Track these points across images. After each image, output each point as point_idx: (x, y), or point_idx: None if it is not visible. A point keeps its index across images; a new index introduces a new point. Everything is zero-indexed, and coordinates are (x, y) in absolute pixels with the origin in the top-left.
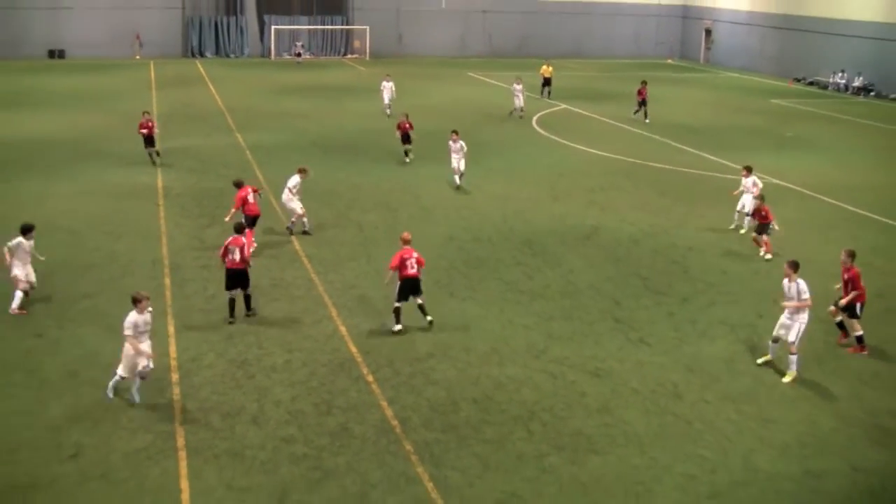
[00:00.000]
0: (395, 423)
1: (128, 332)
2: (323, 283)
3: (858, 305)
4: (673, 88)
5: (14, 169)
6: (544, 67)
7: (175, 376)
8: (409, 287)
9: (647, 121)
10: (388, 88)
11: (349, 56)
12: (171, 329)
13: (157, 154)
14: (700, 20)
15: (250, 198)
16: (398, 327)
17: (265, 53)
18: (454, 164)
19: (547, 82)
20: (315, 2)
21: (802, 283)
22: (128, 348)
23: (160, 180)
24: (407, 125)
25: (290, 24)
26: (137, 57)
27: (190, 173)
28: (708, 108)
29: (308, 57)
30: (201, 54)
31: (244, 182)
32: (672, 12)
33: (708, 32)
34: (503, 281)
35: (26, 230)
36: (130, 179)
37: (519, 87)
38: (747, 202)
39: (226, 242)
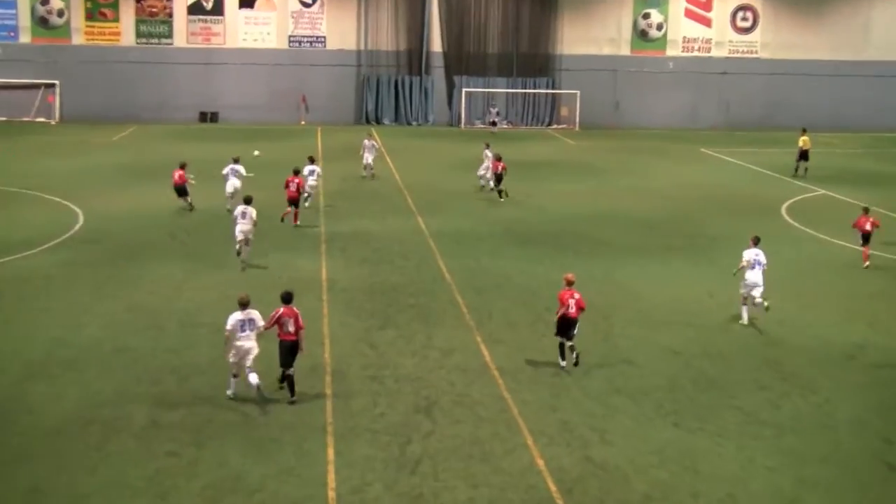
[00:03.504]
0: None
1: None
2: (517, 402)
3: None
4: None
5: (143, 252)
6: (803, 138)
7: None
8: (566, 326)
9: None
10: (369, 148)
11: (554, 126)
12: (330, 452)
13: (190, 206)
14: None
15: None
16: (563, 363)
17: (453, 121)
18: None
19: (804, 156)
20: (515, 62)
21: None
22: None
23: (324, 270)
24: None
25: (485, 87)
26: (303, 122)
27: (361, 264)
28: None
29: (505, 126)
30: (377, 121)
31: None
32: None
33: None
34: (741, 409)
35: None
36: (288, 267)
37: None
38: None
39: (277, 314)
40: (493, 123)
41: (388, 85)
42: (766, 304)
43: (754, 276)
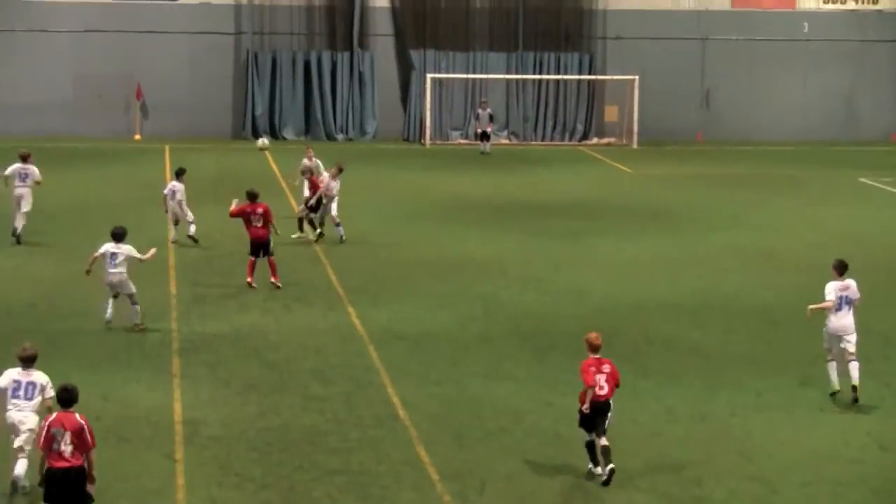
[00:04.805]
0: None
1: None
2: None
3: None
4: None
5: None
6: None
7: None
8: (596, 414)
9: None
10: (310, 171)
11: (595, 140)
12: None
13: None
14: None
15: None
16: (598, 470)
17: (411, 133)
18: None
19: None
20: (521, 24)
21: None
22: None
23: (178, 404)
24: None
25: (468, 72)
26: (137, 136)
27: (246, 393)
28: None
29: (505, 141)
30: (273, 132)
31: None
32: None
33: None
34: None
35: None
36: (110, 399)
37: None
38: None
39: (46, 423)
40: (485, 136)
41: (290, 69)
42: (855, 381)
43: (842, 321)
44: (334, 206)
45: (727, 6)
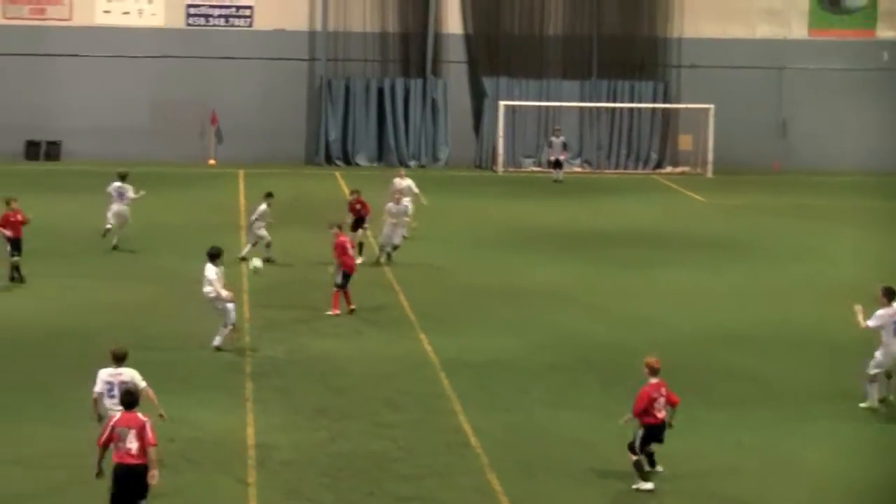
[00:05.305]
0: None
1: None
2: None
3: None
4: None
5: None
6: None
7: None
8: (655, 434)
9: None
10: (401, 191)
11: (668, 169)
12: None
13: (16, 274)
14: None
15: None
16: (648, 486)
17: (483, 160)
18: None
19: None
20: (595, 52)
21: None
22: None
23: (251, 428)
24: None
25: (541, 99)
26: (212, 161)
27: (316, 418)
28: None
29: (578, 169)
30: (346, 159)
31: None
32: None
33: None
34: None
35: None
36: (183, 421)
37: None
38: None
39: (110, 423)
40: (558, 164)
41: (363, 95)
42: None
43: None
44: (401, 231)
45: (804, 35)
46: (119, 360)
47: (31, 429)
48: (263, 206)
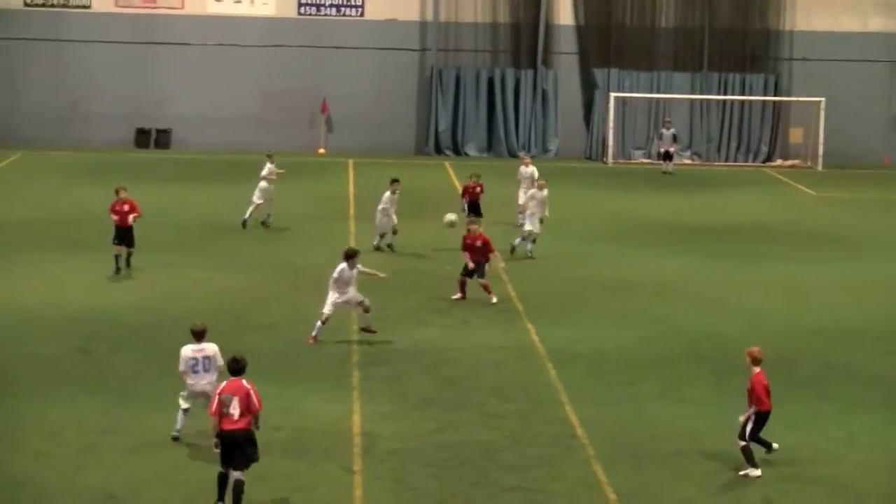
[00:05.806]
0: None
1: None
2: None
3: None
4: None
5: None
6: None
7: None
8: (766, 420)
9: None
10: (528, 180)
11: (779, 162)
12: None
13: (128, 262)
14: None
15: None
16: (756, 472)
17: (593, 152)
18: None
19: None
20: (707, 45)
21: None
22: None
23: (357, 417)
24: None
25: (653, 91)
26: (322, 150)
27: (423, 408)
28: None
29: (688, 161)
30: (456, 149)
31: None
32: None
33: None
34: None
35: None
36: (291, 410)
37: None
38: None
39: (217, 391)
40: (668, 156)
41: (474, 86)
42: None
43: None
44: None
45: None
46: (199, 336)
47: (150, 418)
48: (388, 193)
